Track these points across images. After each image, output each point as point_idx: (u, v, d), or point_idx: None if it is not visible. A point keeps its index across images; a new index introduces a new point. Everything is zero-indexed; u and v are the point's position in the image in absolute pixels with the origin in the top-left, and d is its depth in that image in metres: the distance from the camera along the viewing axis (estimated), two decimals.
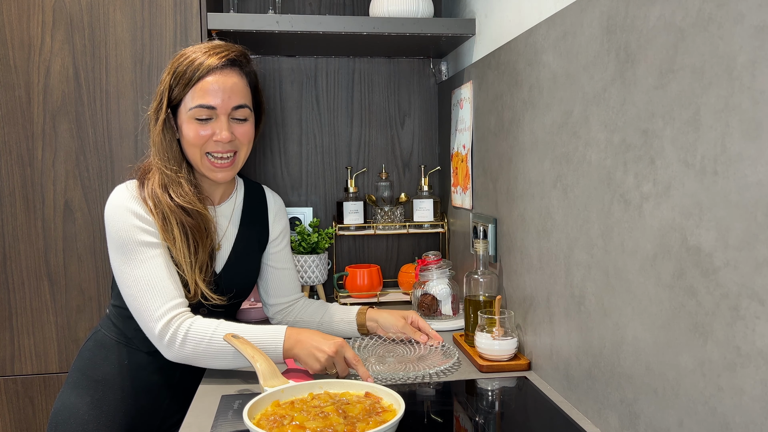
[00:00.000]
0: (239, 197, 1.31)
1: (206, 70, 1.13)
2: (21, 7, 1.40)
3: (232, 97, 1.15)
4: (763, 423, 0.59)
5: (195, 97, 1.13)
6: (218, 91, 1.14)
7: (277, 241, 1.35)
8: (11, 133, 1.43)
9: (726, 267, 0.63)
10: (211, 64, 1.14)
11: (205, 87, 1.13)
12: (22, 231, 1.44)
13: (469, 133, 1.53)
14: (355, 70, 1.88)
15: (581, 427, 0.91)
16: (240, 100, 1.16)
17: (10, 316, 1.45)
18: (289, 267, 1.37)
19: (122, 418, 1.17)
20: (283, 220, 1.38)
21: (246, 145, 1.20)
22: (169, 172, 1.16)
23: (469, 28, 1.52)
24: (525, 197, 1.17)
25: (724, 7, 0.63)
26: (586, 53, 0.92)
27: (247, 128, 1.19)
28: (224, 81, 1.14)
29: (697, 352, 0.68)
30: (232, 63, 1.17)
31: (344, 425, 0.81)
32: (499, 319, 1.16)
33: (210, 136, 1.14)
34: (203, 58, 1.14)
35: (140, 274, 1.09)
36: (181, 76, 1.14)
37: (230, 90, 1.15)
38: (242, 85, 1.18)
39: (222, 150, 1.16)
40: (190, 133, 1.14)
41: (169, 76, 1.15)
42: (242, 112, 1.18)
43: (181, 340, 1.07)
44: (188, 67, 1.14)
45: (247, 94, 1.19)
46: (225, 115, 1.15)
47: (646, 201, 0.77)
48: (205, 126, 1.14)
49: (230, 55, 1.17)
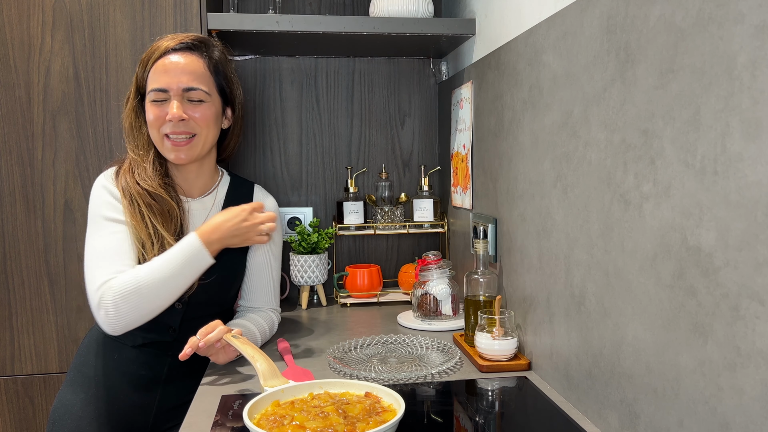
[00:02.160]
0: (221, 192, 1.31)
1: (162, 51, 1.19)
2: (21, 7, 1.40)
3: (182, 78, 1.18)
4: (763, 423, 0.59)
5: (152, 81, 1.19)
6: (169, 73, 1.18)
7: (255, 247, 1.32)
8: (11, 133, 1.43)
9: (726, 267, 0.63)
10: (168, 46, 1.19)
11: (159, 69, 1.18)
12: (22, 231, 1.44)
13: (469, 133, 1.53)
14: (355, 70, 1.88)
15: (581, 427, 0.91)
16: (191, 81, 1.19)
17: (10, 316, 1.45)
18: (262, 275, 1.32)
19: (116, 414, 1.18)
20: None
21: (205, 128, 1.22)
22: (135, 156, 1.21)
23: (469, 28, 1.52)
24: (525, 197, 1.17)
25: (724, 7, 0.63)
26: (586, 53, 0.92)
27: (204, 110, 1.21)
28: (176, 63, 1.19)
29: (697, 352, 0.68)
30: (189, 48, 1.21)
31: (344, 425, 0.81)
32: (499, 319, 1.16)
33: (164, 116, 1.18)
34: (161, 42, 1.20)
35: (95, 243, 1.14)
36: (145, 63, 1.20)
37: (181, 71, 1.18)
38: (197, 67, 1.20)
39: (177, 131, 1.19)
40: (150, 116, 1.19)
41: (139, 65, 1.22)
42: (196, 94, 1.20)
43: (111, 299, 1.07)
44: (149, 52, 1.20)
45: (204, 76, 1.21)
46: (177, 96, 1.18)
47: (646, 201, 0.77)
48: (161, 107, 1.18)
49: (186, 39, 1.21)
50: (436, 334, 1.41)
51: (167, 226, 1.18)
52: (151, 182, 1.19)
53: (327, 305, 1.74)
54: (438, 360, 1.21)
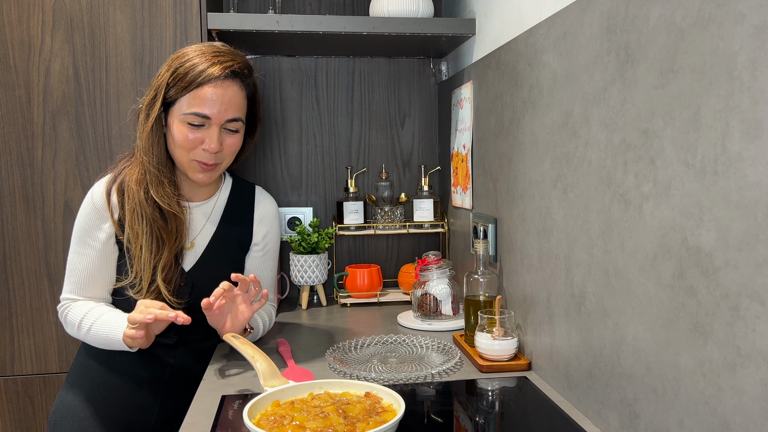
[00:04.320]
0: (223, 195, 1.30)
1: (207, 78, 1.12)
2: (21, 7, 1.40)
3: (228, 110, 1.15)
4: (763, 423, 0.59)
5: (191, 103, 1.12)
6: (215, 102, 1.13)
7: (257, 247, 1.32)
8: (11, 133, 1.43)
9: (726, 267, 0.63)
10: (212, 73, 1.12)
11: (203, 95, 1.12)
12: (22, 231, 1.44)
13: (469, 133, 1.53)
14: (355, 70, 1.88)
15: (581, 427, 0.91)
16: (235, 113, 1.17)
17: (10, 316, 1.45)
18: (260, 276, 1.33)
19: (117, 415, 1.18)
20: (269, 226, 1.34)
21: (230, 155, 1.21)
22: (153, 170, 1.16)
23: (469, 28, 1.52)
24: (525, 197, 1.17)
25: (724, 7, 0.63)
26: (586, 53, 0.92)
27: (236, 140, 1.20)
28: (223, 93, 1.14)
29: (697, 352, 0.68)
30: (234, 75, 1.16)
31: (344, 425, 0.81)
32: (499, 319, 1.16)
33: (199, 143, 1.15)
34: (206, 65, 1.13)
35: (70, 257, 1.20)
36: (181, 79, 1.13)
37: (228, 103, 1.15)
38: (240, 98, 1.18)
39: (209, 159, 1.17)
40: (180, 136, 1.14)
41: (168, 74, 1.14)
42: (235, 125, 1.18)
43: (64, 323, 1.21)
44: (189, 70, 1.12)
45: (243, 106, 1.20)
46: (218, 126, 1.15)
47: (646, 201, 0.77)
48: (196, 132, 1.14)
49: (234, 66, 1.15)
50: (436, 334, 1.41)
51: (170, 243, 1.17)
52: (169, 201, 1.16)
53: (327, 305, 1.74)
54: (438, 360, 1.21)
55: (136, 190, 1.15)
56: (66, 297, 1.20)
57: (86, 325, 1.15)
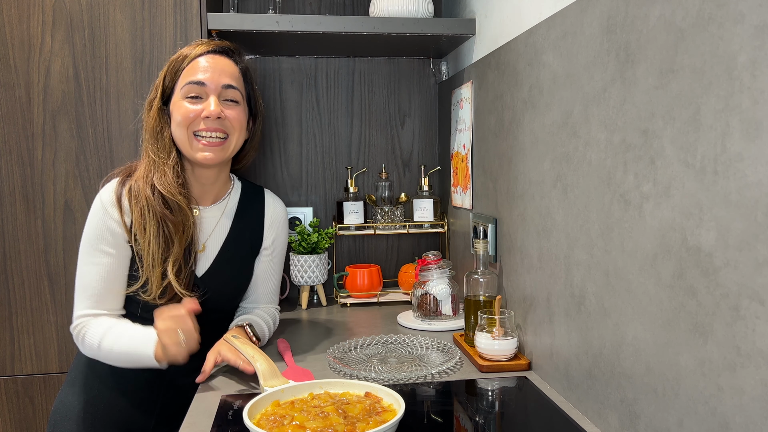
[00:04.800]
0: (233, 199, 1.30)
1: (197, 54, 1.18)
2: (21, 7, 1.40)
3: (222, 76, 1.17)
4: (763, 423, 0.59)
5: (186, 76, 1.17)
6: (208, 68, 1.17)
7: (267, 251, 1.33)
8: (11, 133, 1.43)
9: (726, 267, 0.63)
10: (201, 50, 1.19)
11: (196, 66, 1.17)
12: (22, 231, 1.44)
13: (469, 133, 1.53)
14: (355, 70, 1.88)
15: (581, 427, 0.91)
16: (230, 80, 1.18)
17: (10, 316, 1.45)
18: (267, 279, 1.34)
19: (117, 415, 1.18)
20: (278, 230, 1.34)
21: (238, 130, 1.20)
22: (156, 158, 1.17)
23: (469, 28, 1.52)
24: (525, 197, 1.17)
25: (724, 7, 0.63)
26: (586, 53, 0.92)
27: (239, 112, 1.20)
28: (215, 62, 1.18)
29: (697, 352, 0.68)
30: (222, 51, 1.21)
31: (344, 425, 0.81)
32: (499, 319, 1.16)
33: (199, 113, 1.16)
34: (193, 49, 1.19)
35: (83, 269, 1.15)
36: (174, 67, 1.18)
37: (221, 70, 1.18)
38: (234, 69, 1.21)
39: (211, 127, 1.16)
40: (180, 113, 1.16)
41: (166, 68, 1.20)
42: (233, 93, 1.19)
43: (80, 344, 1.15)
44: (181, 55, 1.19)
45: (239, 78, 1.21)
46: (215, 94, 1.17)
47: (646, 201, 0.77)
48: (195, 103, 1.16)
49: (222, 45, 1.22)
50: (436, 334, 1.41)
51: (180, 237, 1.16)
52: (170, 188, 1.15)
53: (327, 305, 1.74)
54: (438, 360, 1.21)
55: (143, 187, 1.15)
56: (82, 314, 1.14)
57: (107, 345, 1.11)
